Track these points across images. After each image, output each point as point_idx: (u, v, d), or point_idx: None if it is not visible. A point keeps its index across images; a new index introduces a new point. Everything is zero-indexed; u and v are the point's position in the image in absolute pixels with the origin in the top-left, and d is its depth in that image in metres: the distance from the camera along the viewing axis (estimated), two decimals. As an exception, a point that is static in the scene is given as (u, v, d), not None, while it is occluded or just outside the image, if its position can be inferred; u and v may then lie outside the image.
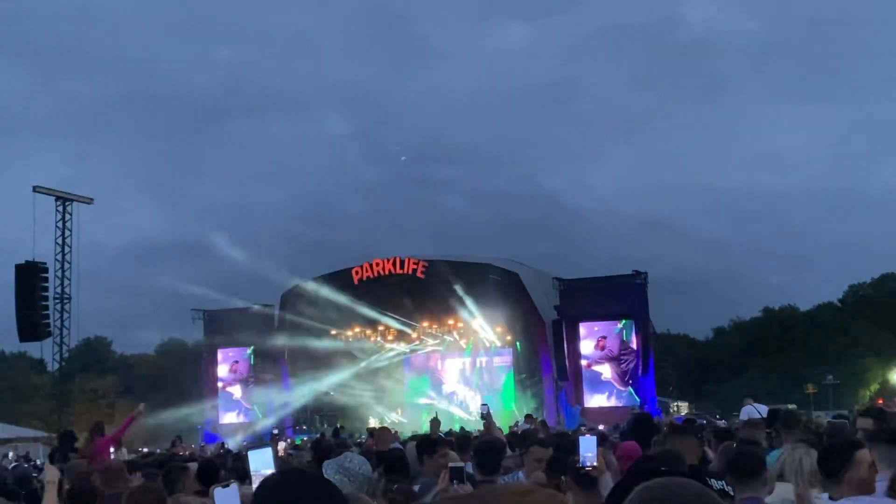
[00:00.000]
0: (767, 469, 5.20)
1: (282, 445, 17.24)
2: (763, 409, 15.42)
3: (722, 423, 23.55)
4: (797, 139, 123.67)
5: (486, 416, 10.93)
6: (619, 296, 36.45)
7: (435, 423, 22.04)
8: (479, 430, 15.88)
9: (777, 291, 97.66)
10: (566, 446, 7.62)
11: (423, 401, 40.17)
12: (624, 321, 36.77)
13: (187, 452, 20.59)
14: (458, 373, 40.43)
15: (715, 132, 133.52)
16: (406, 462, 7.26)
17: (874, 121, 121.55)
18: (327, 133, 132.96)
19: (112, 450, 13.87)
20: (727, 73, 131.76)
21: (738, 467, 5.03)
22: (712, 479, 3.82)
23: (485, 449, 6.58)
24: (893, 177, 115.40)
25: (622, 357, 36.91)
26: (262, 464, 3.21)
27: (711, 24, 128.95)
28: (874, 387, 56.96)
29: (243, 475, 8.09)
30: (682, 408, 45.49)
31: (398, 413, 39.78)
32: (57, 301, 35.73)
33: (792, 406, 35.11)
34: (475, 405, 36.28)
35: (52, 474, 5.55)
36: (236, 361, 43.58)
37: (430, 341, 40.02)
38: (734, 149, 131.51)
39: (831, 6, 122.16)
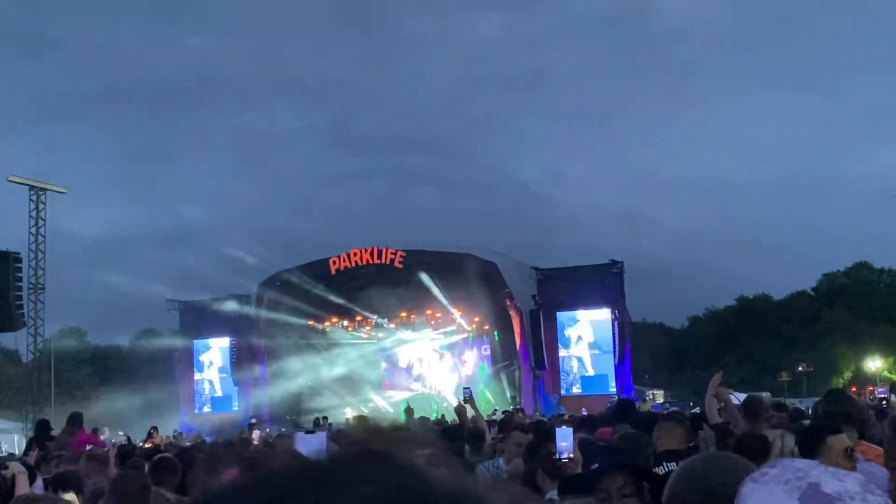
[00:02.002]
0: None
1: (257, 434, 17.20)
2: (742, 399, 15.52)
3: (696, 411, 23.74)
4: (770, 128, 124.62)
5: (468, 401, 10.89)
6: (596, 285, 36.62)
7: (409, 412, 22.08)
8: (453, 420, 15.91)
9: (751, 280, 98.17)
10: (544, 433, 7.66)
11: (400, 390, 40.24)
12: (600, 310, 36.96)
13: (163, 444, 20.49)
14: (435, 362, 40.48)
15: (688, 121, 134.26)
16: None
17: (847, 109, 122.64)
18: (301, 122, 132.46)
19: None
20: (700, 61, 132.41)
21: (744, 451, 5.05)
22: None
23: (446, 436, 6.62)
24: (866, 165, 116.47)
25: (599, 346, 37.11)
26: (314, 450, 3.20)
27: (684, 12, 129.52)
28: (847, 374, 57.54)
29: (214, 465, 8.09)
30: (658, 395, 45.74)
31: (376, 403, 39.82)
32: (31, 291, 35.47)
33: (766, 393, 35.45)
34: (453, 394, 36.39)
35: (17, 467, 5.56)
36: (212, 352, 43.42)
37: (409, 331, 40.06)
38: (707, 137, 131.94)
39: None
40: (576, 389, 36.96)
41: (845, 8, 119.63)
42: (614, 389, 35.05)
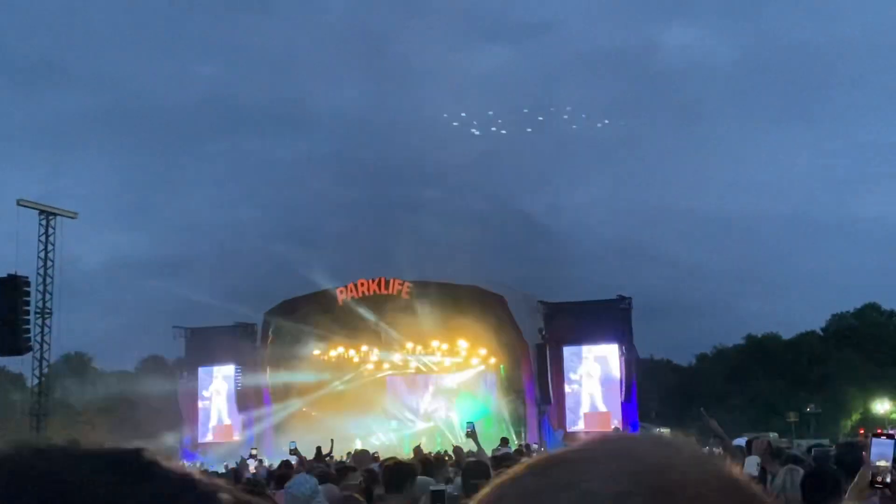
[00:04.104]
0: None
1: (252, 464, 17.01)
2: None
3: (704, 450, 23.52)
4: (779, 166, 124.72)
5: (471, 435, 10.82)
6: (604, 320, 36.45)
7: (417, 451, 21.84)
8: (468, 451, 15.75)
9: (760, 319, 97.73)
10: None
11: (406, 422, 40.04)
12: (608, 346, 36.77)
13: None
14: (440, 395, 40.27)
15: (695, 157, 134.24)
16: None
17: (855, 149, 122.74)
18: (307, 151, 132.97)
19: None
20: (706, 98, 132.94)
21: None
22: None
23: (471, 469, 6.51)
24: (875, 206, 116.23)
25: (605, 382, 36.88)
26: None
27: (690, 50, 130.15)
28: (856, 416, 57.15)
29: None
30: (664, 434, 45.44)
31: (381, 435, 39.57)
32: (38, 316, 35.44)
33: (773, 434, 35.19)
34: (458, 427, 36.13)
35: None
36: (217, 380, 43.30)
37: (414, 363, 39.89)
38: (715, 175, 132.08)
39: (809, 34, 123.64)
40: (579, 425, 36.68)
41: (851, 49, 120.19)
42: (616, 425, 34.75)
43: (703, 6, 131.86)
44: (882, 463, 4.56)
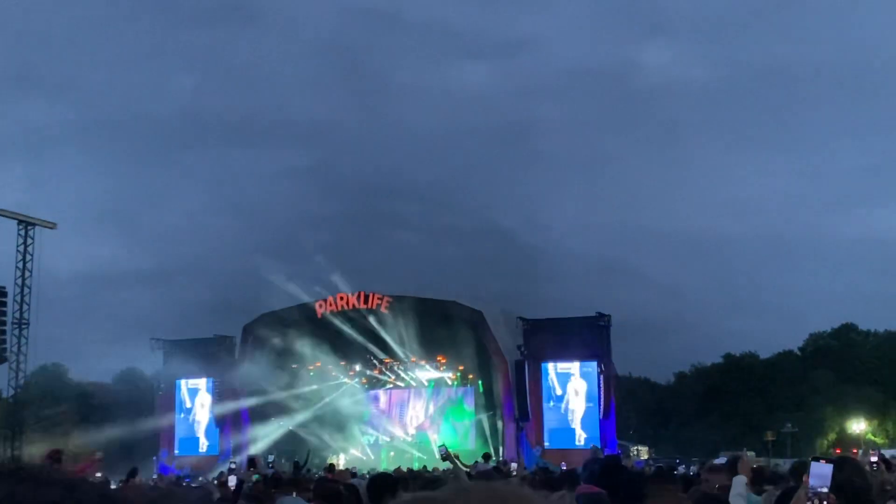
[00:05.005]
0: None
1: (232, 479, 16.89)
2: None
3: (682, 469, 23.62)
4: (757, 186, 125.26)
5: (445, 457, 10.81)
6: (583, 337, 36.54)
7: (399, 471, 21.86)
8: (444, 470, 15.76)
9: (738, 338, 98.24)
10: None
11: (383, 438, 39.95)
12: (586, 363, 36.83)
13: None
14: (419, 410, 40.24)
15: (673, 177, 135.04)
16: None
17: (833, 171, 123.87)
18: (286, 165, 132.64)
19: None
20: (685, 118, 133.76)
21: None
22: None
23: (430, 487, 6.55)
24: (853, 227, 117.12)
25: (584, 399, 36.91)
26: None
27: (669, 70, 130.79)
28: (832, 436, 57.42)
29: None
30: (642, 452, 45.49)
31: (358, 450, 39.48)
32: (15, 326, 35.19)
33: (751, 453, 35.32)
34: (436, 443, 36.10)
35: None
36: (195, 393, 43.08)
37: (393, 377, 39.87)
38: (693, 194, 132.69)
39: (786, 57, 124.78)
40: (559, 442, 36.64)
41: (830, 70, 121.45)
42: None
43: (680, 27, 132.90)
44: (822, 489, 4.60)
